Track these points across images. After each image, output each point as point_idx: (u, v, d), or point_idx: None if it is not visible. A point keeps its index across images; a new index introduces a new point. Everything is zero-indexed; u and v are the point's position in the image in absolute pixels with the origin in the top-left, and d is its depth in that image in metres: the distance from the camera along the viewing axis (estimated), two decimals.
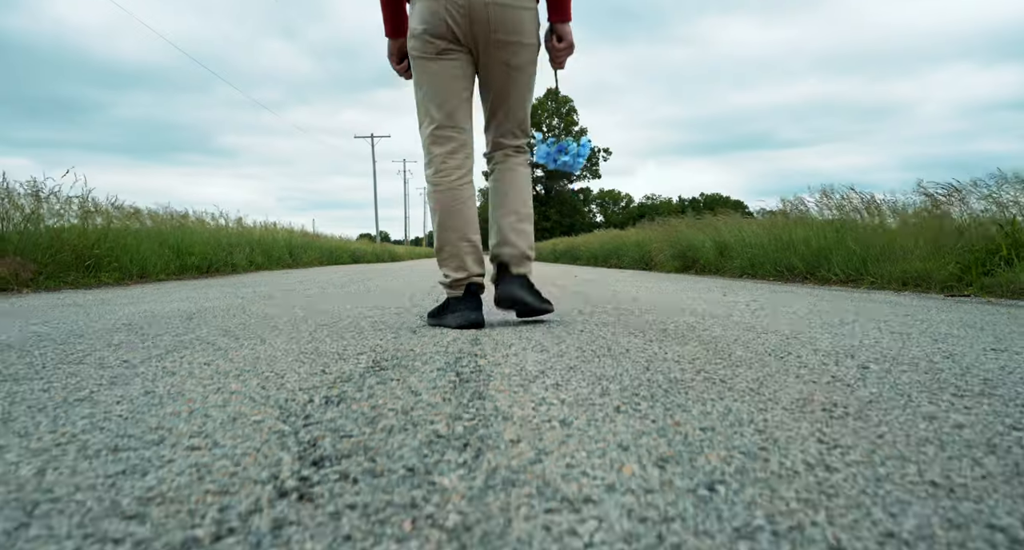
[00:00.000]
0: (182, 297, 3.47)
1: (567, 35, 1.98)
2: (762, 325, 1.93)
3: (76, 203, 5.99)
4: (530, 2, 1.88)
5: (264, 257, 10.03)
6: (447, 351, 1.40)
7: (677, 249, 8.95)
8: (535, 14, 1.92)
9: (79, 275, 5.25)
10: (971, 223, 4.78)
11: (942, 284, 4.11)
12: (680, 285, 4.63)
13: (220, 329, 1.91)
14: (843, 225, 5.71)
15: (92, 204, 6.36)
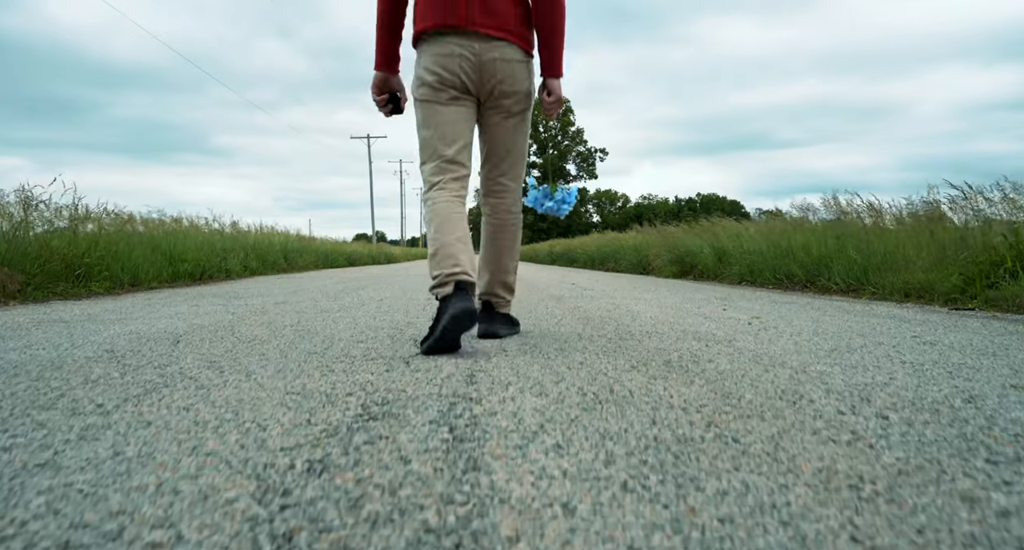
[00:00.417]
0: (171, 312, 3.39)
1: (556, 90, 2.16)
2: (768, 354, 1.86)
3: (66, 211, 5.91)
4: (526, 56, 2.07)
5: (259, 262, 9.94)
6: (440, 393, 1.33)
7: (675, 254, 8.90)
8: (531, 67, 2.10)
9: (68, 285, 5.16)
10: (976, 232, 4.72)
11: (945, 296, 4.05)
12: (679, 295, 4.56)
13: (205, 359, 1.83)
14: (844, 232, 5.65)
15: (83, 210, 6.27)
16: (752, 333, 2.38)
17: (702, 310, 3.35)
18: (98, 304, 4.12)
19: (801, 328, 2.55)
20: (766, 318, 2.96)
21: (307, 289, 5.46)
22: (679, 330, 2.43)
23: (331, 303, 3.93)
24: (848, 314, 3.23)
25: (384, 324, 2.73)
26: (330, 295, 4.70)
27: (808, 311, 3.38)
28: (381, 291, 5.12)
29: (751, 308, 3.57)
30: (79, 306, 3.98)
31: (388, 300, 4.13)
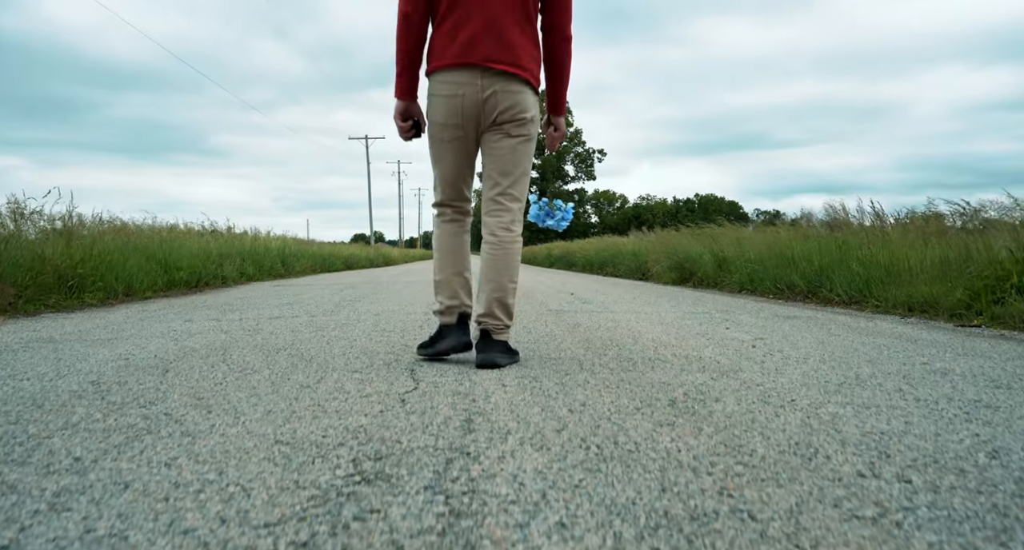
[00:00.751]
0: (163, 330, 3.32)
1: (560, 126, 2.38)
2: (776, 389, 1.80)
3: (60, 222, 5.83)
4: (533, 92, 2.20)
5: (255, 268, 9.87)
6: (436, 446, 1.26)
7: (674, 261, 8.84)
8: (534, 94, 2.21)
9: (61, 297, 5.09)
10: (979, 243, 4.66)
11: (950, 311, 3.99)
12: (679, 307, 4.49)
13: (193, 395, 1.76)
14: (846, 242, 5.59)
15: (77, 219, 6.19)
16: (757, 360, 2.31)
17: (704, 329, 3.29)
18: (90, 318, 4.04)
19: (807, 353, 2.49)
20: (770, 339, 2.90)
21: (303, 300, 5.39)
22: (682, 356, 2.37)
23: (327, 319, 3.86)
24: (853, 333, 3.17)
25: (380, 347, 2.66)
26: (326, 308, 4.63)
27: (812, 330, 3.32)
28: (378, 303, 5.05)
29: (754, 325, 3.51)
30: (70, 321, 3.91)
31: (385, 315, 4.07)
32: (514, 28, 2.09)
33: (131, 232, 7.62)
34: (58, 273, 5.21)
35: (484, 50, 2.06)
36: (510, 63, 2.08)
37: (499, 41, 2.07)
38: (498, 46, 2.07)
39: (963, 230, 5.72)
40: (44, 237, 5.61)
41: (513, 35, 2.08)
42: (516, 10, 2.08)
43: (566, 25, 2.19)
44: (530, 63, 2.14)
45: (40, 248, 5.34)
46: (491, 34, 2.06)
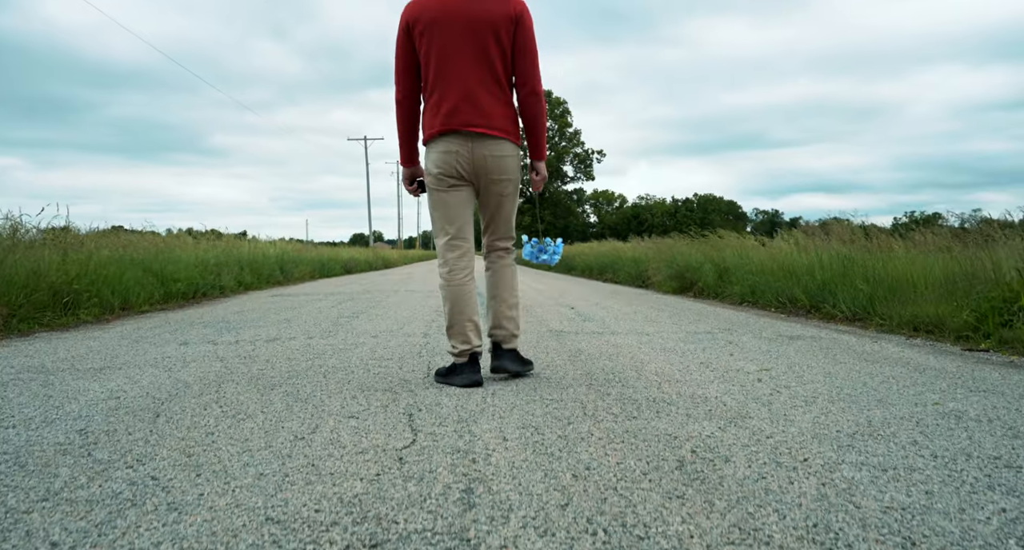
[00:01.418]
0: (157, 356, 3.25)
1: (541, 170, 2.69)
2: (787, 442, 1.74)
3: (56, 235, 5.76)
4: (515, 149, 2.55)
5: (253, 276, 9.81)
6: (434, 529, 1.20)
7: (675, 270, 8.78)
8: (518, 158, 2.58)
9: (55, 314, 5.02)
10: (985, 258, 4.60)
11: (956, 333, 3.93)
12: (681, 326, 4.42)
13: (184, 450, 1.70)
14: (850, 258, 5.53)
15: (73, 234, 6.12)
16: (764, 401, 2.25)
17: (707, 356, 3.23)
18: (84, 339, 3.97)
19: (815, 390, 2.43)
20: (775, 370, 2.84)
21: (300, 318, 5.32)
22: (687, 396, 2.30)
23: (324, 343, 3.80)
24: (859, 360, 3.10)
25: (378, 381, 2.60)
26: (324, 327, 4.56)
27: (817, 356, 3.26)
28: (377, 321, 4.99)
29: (757, 350, 3.44)
30: (64, 343, 3.84)
31: (383, 337, 4.00)
32: (487, 96, 2.46)
33: (127, 243, 7.55)
34: (53, 290, 5.15)
35: (463, 117, 2.44)
36: (486, 126, 2.45)
37: (475, 108, 2.44)
38: (475, 113, 2.44)
39: (965, 237, 5.66)
40: (40, 252, 5.53)
41: (486, 102, 2.46)
42: (488, 81, 2.46)
43: (535, 82, 2.53)
44: (504, 123, 2.50)
45: (36, 264, 5.27)
46: (468, 103, 2.44)
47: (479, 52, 2.43)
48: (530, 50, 2.50)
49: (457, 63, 2.42)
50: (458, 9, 2.41)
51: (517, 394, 2.33)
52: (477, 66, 2.43)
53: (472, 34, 2.42)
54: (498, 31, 2.43)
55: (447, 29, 2.41)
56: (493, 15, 2.42)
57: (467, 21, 2.41)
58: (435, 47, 2.43)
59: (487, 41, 2.43)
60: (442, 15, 2.41)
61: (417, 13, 2.45)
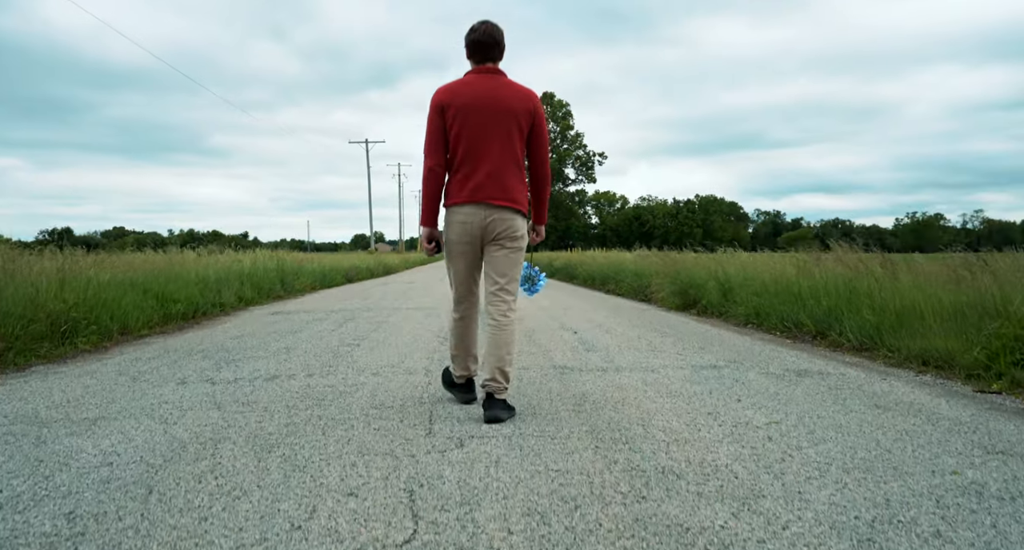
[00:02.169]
0: (154, 405, 3.18)
1: (541, 232, 3.18)
2: (803, 534, 1.67)
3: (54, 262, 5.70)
4: (524, 218, 2.95)
5: (254, 291, 9.75)
6: None
7: (678, 286, 8.71)
8: (523, 217, 2.94)
9: (53, 345, 4.96)
10: (994, 289, 4.53)
11: (967, 371, 3.86)
12: (686, 357, 4.34)
13: (173, 544, 1.64)
14: (855, 288, 5.46)
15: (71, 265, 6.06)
16: (776, 471, 2.19)
17: (715, 403, 3.16)
18: (81, 374, 3.89)
19: (828, 454, 2.36)
20: (785, 423, 2.77)
21: (300, 346, 5.26)
22: (696, 464, 2.24)
23: (323, 382, 3.74)
24: (870, 408, 3.03)
25: (379, 443, 2.54)
26: (324, 360, 4.50)
27: (827, 401, 3.19)
28: (378, 351, 4.92)
29: (765, 392, 3.38)
30: (60, 381, 3.77)
31: (385, 375, 3.94)
32: (509, 175, 2.87)
33: (128, 265, 7.49)
34: (51, 318, 5.09)
35: (487, 192, 2.83)
36: (505, 199, 2.85)
37: (498, 185, 2.84)
38: (498, 189, 2.84)
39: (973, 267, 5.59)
40: (39, 279, 5.48)
41: (508, 180, 2.86)
42: (509, 162, 2.87)
43: (544, 164, 3.03)
44: (520, 196, 2.90)
45: (34, 292, 5.22)
46: (492, 181, 2.83)
47: (504, 138, 2.84)
48: (543, 138, 2.98)
49: (485, 146, 2.83)
50: (486, 99, 2.82)
51: (522, 462, 2.26)
52: (501, 150, 2.85)
53: (498, 122, 2.83)
54: (519, 121, 2.87)
55: (477, 116, 2.81)
56: (515, 107, 2.85)
57: (494, 111, 2.82)
58: (466, 131, 2.82)
59: (511, 129, 2.85)
60: (473, 103, 2.81)
61: (449, 98, 2.84)
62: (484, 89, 2.85)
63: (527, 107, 2.88)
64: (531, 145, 2.96)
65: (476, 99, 2.82)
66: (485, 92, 2.84)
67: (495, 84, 2.88)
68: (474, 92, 2.84)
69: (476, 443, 2.49)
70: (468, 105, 2.81)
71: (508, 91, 2.88)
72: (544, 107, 39.41)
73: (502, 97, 2.84)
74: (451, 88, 2.88)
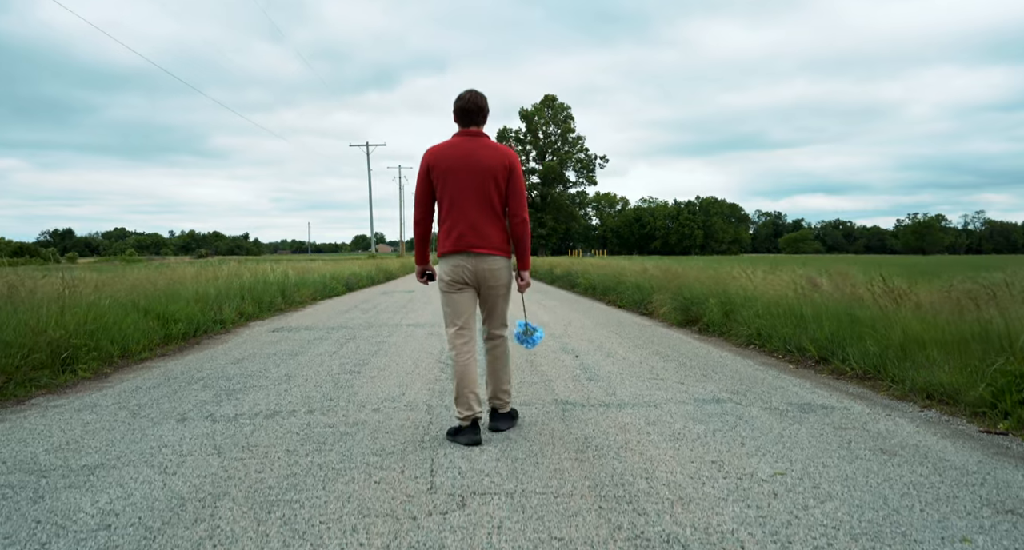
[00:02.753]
0: (154, 448, 3.15)
1: (526, 277, 3.44)
2: None
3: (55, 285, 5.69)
4: (506, 262, 3.35)
5: (255, 306, 9.73)
6: None
7: (680, 302, 8.69)
8: (509, 268, 3.38)
9: (53, 373, 4.94)
10: (998, 319, 4.50)
11: (972, 408, 3.83)
12: (689, 388, 4.31)
13: None
14: (857, 318, 5.43)
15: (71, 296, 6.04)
16: (783, 537, 2.16)
17: (719, 450, 3.14)
18: (81, 409, 3.86)
19: (836, 515, 2.34)
20: (791, 475, 2.74)
21: (301, 372, 5.24)
22: (701, 530, 2.21)
23: (324, 420, 3.72)
24: (876, 453, 3.00)
25: (380, 499, 2.51)
26: (325, 391, 4.48)
27: (832, 445, 3.16)
28: (380, 381, 4.90)
29: (769, 432, 3.35)
30: (60, 417, 3.73)
31: (386, 411, 3.92)
32: (487, 225, 3.25)
33: (132, 286, 7.47)
34: (52, 346, 5.07)
35: (468, 241, 3.24)
36: (485, 246, 3.26)
37: (478, 235, 3.24)
38: (478, 238, 3.24)
39: (978, 297, 5.56)
40: (40, 305, 5.46)
41: (487, 229, 3.25)
42: (488, 213, 3.25)
43: (522, 213, 3.35)
44: (500, 243, 3.30)
45: (36, 321, 5.20)
46: (473, 231, 3.23)
47: (481, 193, 3.24)
48: (519, 190, 3.33)
49: (465, 202, 3.23)
50: (468, 160, 3.23)
51: (524, 528, 2.24)
52: (480, 204, 3.23)
53: (478, 179, 3.22)
54: (496, 177, 3.25)
55: (459, 175, 3.22)
56: (493, 166, 3.24)
57: (475, 171, 3.22)
58: (449, 189, 3.24)
59: (488, 185, 3.24)
60: (456, 164, 3.23)
61: (435, 161, 3.27)
62: (466, 151, 3.25)
63: (504, 164, 3.27)
64: (509, 198, 3.32)
65: (458, 160, 3.23)
66: (467, 153, 3.24)
67: (476, 145, 3.27)
68: (457, 154, 3.25)
69: (478, 503, 2.46)
70: (451, 167, 3.23)
71: (488, 152, 3.26)
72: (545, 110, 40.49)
73: (482, 157, 3.24)
74: (438, 151, 3.29)
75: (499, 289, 3.33)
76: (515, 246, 3.40)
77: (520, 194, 3.32)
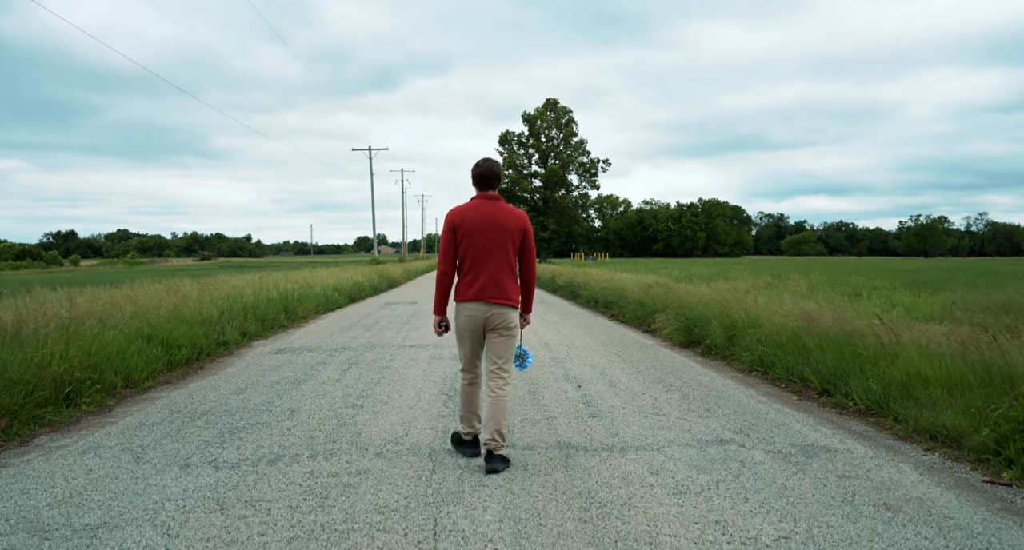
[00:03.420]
0: (157, 503, 3.16)
1: (529, 319, 3.97)
2: None
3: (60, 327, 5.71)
4: (516, 311, 3.80)
5: (257, 325, 9.76)
6: None
7: (682, 323, 8.69)
8: (516, 311, 3.81)
9: (56, 410, 4.95)
10: (1000, 360, 4.49)
11: (976, 453, 3.83)
12: (693, 430, 4.31)
13: None
14: (857, 350, 5.42)
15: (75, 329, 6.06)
16: None
17: (723, 508, 3.14)
18: (84, 451, 3.85)
19: None
20: (795, 540, 2.74)
21: (304, 405, 5.24)
22: None
23: (326, 465, 3.72)
24: (881, 510, 3.00)
25: None
26: (328, 430, 4.48)
27: (836, 499, 3.16)
28: (383, 417, 4.91)
29: (772, 482, 3.35)
30: (63, 462, 3.74)
31: (389, 456, 3.93)
32: (505, 278, 3.72)
33: (138, 312, 7.48)
34: (56, 381, 5.07)
35: (488, 293, 3.68)
36: (502, 297, 3.71)
37: (497, 287, 3.69)
38: (496, 290, 3.69)
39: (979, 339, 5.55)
40: (44, 341, 5.48)
41: (504, 282, 3.71)
42: (505, 268, 3.72)
43: (533, 264, 3.89)
44: (513, 294, 3.75)
45: (40, 353, 5.22)
46: (492, 283, 3.68)
47: (501, 251, 3.70)
48: (531, 247, 3.83)
49: (486, 257, 3.68)
50: (488, 221, 3.68)
51: None
52: (499, 260, 3.69)
53: (497, 238, 3.68)
54: (513, 237, 3.72)
55: (482, 234, 3.66)
56: (509, 227, 3.71)
57: (494, 231, 3.67)
58: (472, 246, 3.68)
59: (506, 243, 3.70)
60: (478, 225, 3.67)
61: (460, 220, 3.70)
62: (486, 213, 3.69)
63: (519, 225, 3.76)
64: (521, 254, 3.81)
65: (480, 221, 3.68)
66: (487, 215, 3.69)
67: (495, 209, 3.71)
68: (478, 215, 3.69)
69: None
70: (474, 227, 3.67)
71: (505, 214, 3.71)
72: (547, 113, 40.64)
73: (500, 219, 3.69)
74: (461, 211, 3.72)
75: (508, 335, 3.78)
76: (524, 292, 3.89)
77: (532, 250, 3.84)
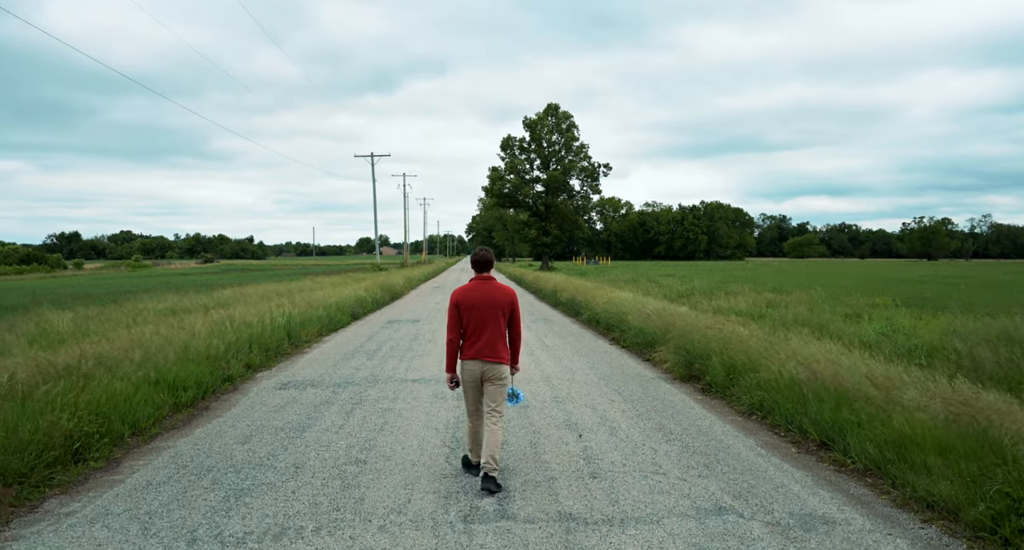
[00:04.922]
0: None
1: (517, 369, 5.06)
2: None
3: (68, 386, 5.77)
4: (507, 367, 4.85)
5: (262, 356, 9.84)
6: None
7: (683, 357, 8.75)
8: (506, 366, 4.84)
9: (64, 468, 5.02)
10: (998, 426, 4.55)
11: (973, 529, 3.89)
12: (693, 494, 4.36)
13: None
14: (853, 406, 5.48)
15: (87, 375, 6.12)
16: None
17: None
18: (92, 521, 3.89)
19: None
20: None
21: (308, 461, 5.31)
22: None
23: (329, 541, 3.79)
24: None
25: None
26: (332, 493, 4.55)
27: None
28: (385, 479, 4.97)
29: None
30: (70, 533, 3.79)
31: (391, 529, 3.99)
32: (497, 342, 4.79)
33: (146, 358, 7.55)
34: (65, 438, 5.14)
35: (484, 353, 4.75)
36: (495, 357, 4.77)
37: (491, 349, 4.76)
38: (490, 351, 4.76)
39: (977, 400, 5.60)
40: (55, 399, 5.55)
41: (496, 345, 4.78)
42: (498, 335, 4.80)
43: (518, 333, 4.96)
44: (504, 354, 4.81)
45: (50, 409, 5.29)
46: (488, 347, 4.76)
47: (495, 321, 4.79)
48: (518, 318, 4.94)
49: (484, 327, 4.77)
50: (484, 299, 4.78)
51: None
52: (494, 328, 4.78)
53: (491, 312, 4.78)
54: (504, 310, 4.84)
55: (480, 309, 4.76)
56: (501, 302, 4.82)
57: (489, 306, 4.77)
58: (472, 318, 4.78)
59: (499, 315, 4.81)
60: (476, 302, 4.76)
61: (463, 298, 4.80)
62: (482, 292, 4.83)
63: (508, 301, 4.89)
64: (510, 323, 4.93)
65: (478, 299, 4.80)
66: (483, 294, 4.82)
67: (490, 289, 4.86)
68: (476, 294, 4.82)
69: None
70: (474, 303, 4.79)
71: (498, 293, 4.85)
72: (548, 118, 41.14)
73: (495, 298, 4.83)
74: (464, 292, 4.83)
75: (500, 385, 4.81)
76: (512, 351, 4.96)
77: (519, 317, 4.97)
